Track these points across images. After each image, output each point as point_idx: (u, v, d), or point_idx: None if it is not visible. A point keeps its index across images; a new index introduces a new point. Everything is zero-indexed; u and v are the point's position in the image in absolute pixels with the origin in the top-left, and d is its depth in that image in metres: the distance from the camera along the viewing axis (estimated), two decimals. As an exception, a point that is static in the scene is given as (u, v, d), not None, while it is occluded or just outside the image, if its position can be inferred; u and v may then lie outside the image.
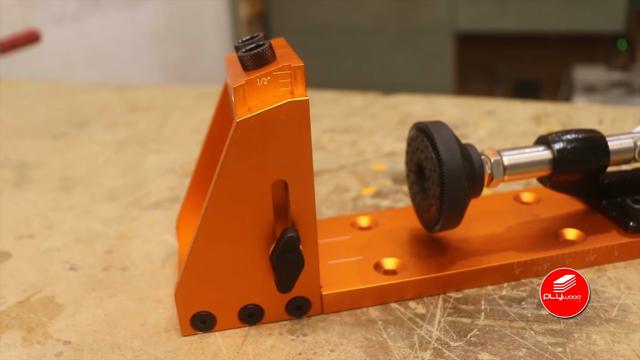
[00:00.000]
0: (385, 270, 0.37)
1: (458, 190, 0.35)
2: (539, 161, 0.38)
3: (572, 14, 1.89)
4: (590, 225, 0.40)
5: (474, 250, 0.38)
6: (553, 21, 1.94)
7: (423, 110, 0.63)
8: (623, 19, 1.80)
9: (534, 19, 1.93)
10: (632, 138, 0.40)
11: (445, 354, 0.32)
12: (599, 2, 1.81)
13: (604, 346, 0.32)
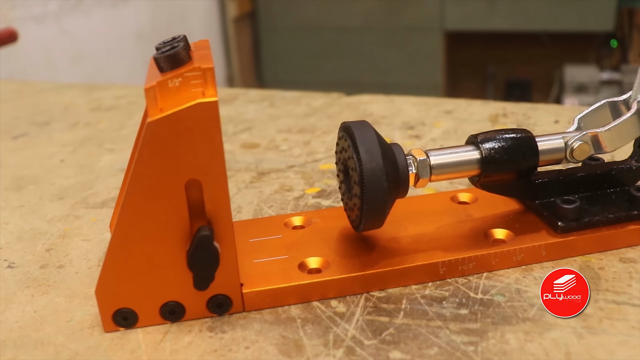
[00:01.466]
0: (310, 269, 0.37)
1: (378, 190, 0.35)
2: (467, 161, 0.38)
3: (562, 14, 1.88)
4: (522, 225, 0.40)
5: (401, 250, 0.38)
6: (543, 21, 1.94)
7: (382, 110, 0.63)
8: (613, 18, 1.79)
9: (524, 18, 1.93)
10: (563, 138, 0.40)
11: (357, 352, 0.32)
12: (588, 1, 1.80)
13: (516, 345, 0.32)
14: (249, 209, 0.46)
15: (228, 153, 0.56)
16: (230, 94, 0.72)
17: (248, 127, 0.61)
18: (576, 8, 1.83)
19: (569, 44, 2.12)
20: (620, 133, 0.41)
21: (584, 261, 0.39)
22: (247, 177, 0.51)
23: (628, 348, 0.32)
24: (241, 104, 0.69)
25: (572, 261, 0.39)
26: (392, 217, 0.42)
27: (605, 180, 0.42)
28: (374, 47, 2.18)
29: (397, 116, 0.62)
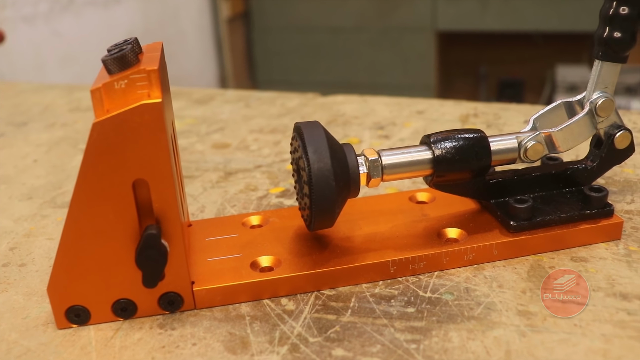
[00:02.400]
0: (262, 267, 0.37)
1: (326, 190, 0.35)
2: (419, 161, 0.39)
3: (554, 14, 1.88)
4: (476, 224, 0.40)
5: (353, 249, 0.38)
6: (535, 21, 1.94)
7: (355, 110, 0.63)
8: None
9: (516, 18, 1.93)
10: (516, 138, 0.40)
11: (301, 349, 0.33)
12: (580, 2, 1.79)
13: (458, 343, 0.33)
14: (212, 208, 0.47)
15: (198, 153, 0.56)
16: (207, 94, 0.73)
17: (221, 127, 0.62)
18: (568, 8, 1.83)
19: (562, 44, 2.12)
20: (572, 133, 0.41)
21: (536, 260, 0.39)
22: (214, 177, 0.51)
23: (567, 346, 0.32)
24: (217, 104, 0.69)
25: (524, 260, 0.39)
26: (348, 217, 0.43)
27: (561, 180, 0.42)
28: (367, 47, 2.18)
29: (369, 116, 0.62)
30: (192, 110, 0.67)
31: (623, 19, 0.39)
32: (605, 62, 0.40)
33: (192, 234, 0.41)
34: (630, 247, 0.40)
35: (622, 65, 0.41)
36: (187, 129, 0.62)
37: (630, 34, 0.39)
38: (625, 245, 0.40)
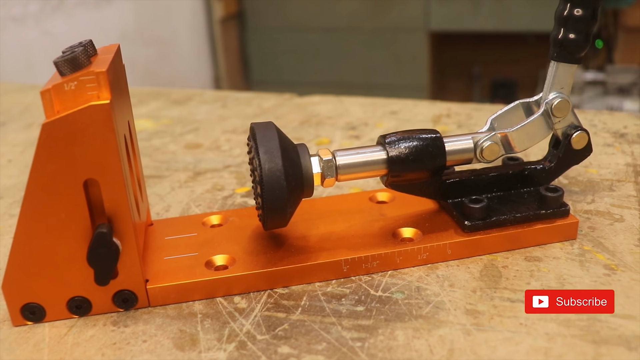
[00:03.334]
0: (217, 266, 0.38)
1: (277, 189, 0.36)
2: (373, 161, 0.39)
3: (545, 15, 1.87)
4: (432, 224, 0.41)
5: (308, 248, 0.39)
6: (526, 21, 1.93)
7: (329, 111, 0.64)
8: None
9: (508, 19, 1.92)
10: (472, 139, 0.41)
11: (248, 346, 0.33)
12: None
13: (403, 341, 0.33)
14: (178, 207, 0.47)
15: (170, 153, 0.57)
16: (186, 95, 0.74)
17: (196, 127, 0.63)
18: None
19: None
20: (528, 133, 0.41)
21: (490, 259, 0.40)
22: (183, 177, 0.52)
23: (510, 345, 0.32)
24: (195, 104, 0.70)
25: (478, 260, 0.40)
26: (307, 216, 0.43)
27: (519, 180, 0.43)
28: (360, 48, 2.18)
29: (342, 116, 0.63)
30: (169, 110, 0.68)
31: (577, 20, 0.39)
32: (561, 63, 0.40)
33: (152, 233, 0.42)
34: (585, 247, 0.40)
35: (619, 65, 0.42)
36: (162, 129, 0.63)
37: (584, 36, 0.40)
38: (580, 245, 0.40)
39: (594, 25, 0.39)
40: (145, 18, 1.70)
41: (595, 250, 0.40)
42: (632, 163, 0.51)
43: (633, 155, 0.52)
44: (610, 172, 0.50)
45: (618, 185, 0.47)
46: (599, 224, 0.42)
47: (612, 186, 0.47)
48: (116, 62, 0.36)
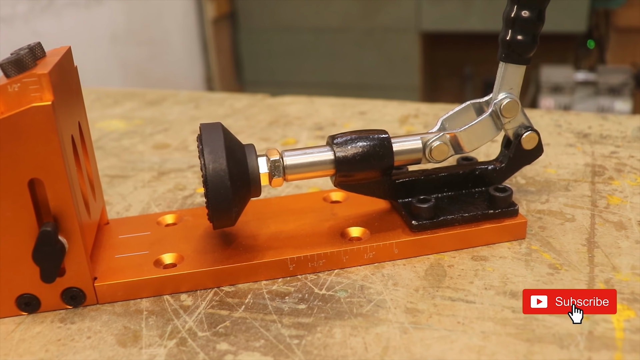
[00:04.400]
0: (166, 264, 0.39)
1: (221, 189, 0.36)
2: (321, 161, 0.39)
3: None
4: (381, 224, 0.41)
5: (256, 246, 0.39)
6: None
7: (299, 111, 0.64)
8: (586, 19, 1.77)
9: (499, 19, 1.91)
10: (421, 139, 0.41)
11: (188, 342, 0.34)
12: (561, 2, 1.78)
13: (339, 339, 0.33)
14: (138, 207, 0.48)
15: (138, 153, 0.58)
16: (161, 95, 0.74)
17: (166, 128, 0.63)
18: (549, 9, 1.81)
19: (547, 44, 2.10)
20: (476, 133, 0.42)
21: (437, 259, 0.40)
22: (147, 176, 0.53)
23: (445, 343, 0.33)
24: (168, 105, 0.71)
25: (425, 259, 0.40)
26: (259, 215, 0.44)
27: (470, 180, 0.43)
28: (351, 48, 2.19)
29: (311, 117, 0.63)
30: (142, 111, 0.69)
31: (524, 21, 0.39)
32: (509, 64, 0.40)
33: (107, 232, 0.43)
34: (532, 247, 0.40)
35: (610, 65, 0.42)
36: (134, 129, 0.63)
37: (532, 37, 0.40)
38: (528, 245, 0.41)
39: (541, 26, 0.40)
40: (136, 18, 1.71)
41: (542, 250, 0.40)
42: (591, 163, 0.51)
43: (593, 156, 0.52)
44: (569, 172, 0.50)
45: (574, 185, 0.48)
46: (550, 223, 0.43)
47: (568, 186, 0.48)
48: (64, 64, 0.36)
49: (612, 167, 0.50)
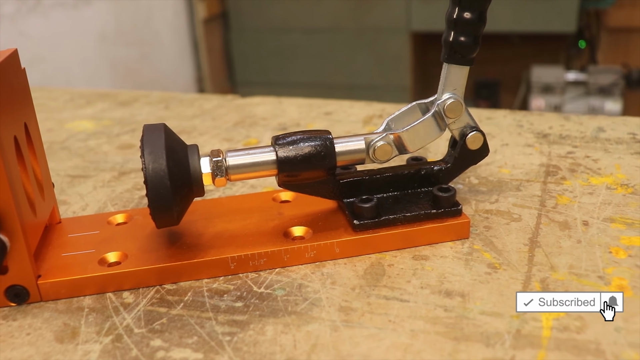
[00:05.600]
0: (110, 262, 0.39)
1: (161, 189, 0.37)
2: (264, 162, 0.40)
3: (526, 15, 1.86)
4: (325, 223, 0.42)
5: (200, 245, 0.40)
6: (507, 22, 1.92)
7: (266, 112, 0.65)
8: (575, 19, 1.76)
9: (489, 19, 1.90)
10: (364, 139, 0.42)
11: (124, 339, 0.34)
12: (551, 2, 1.78)
13: (270, 336, 0.34)
14: (95, 206, 0.48)
15: (102, 154, 0.58)
16: (132, 96, 0.75)
17: (133, 129, 0.64)
18: (539, 9, 1.81)
19: (539, 44, 2.10)
20: (418, 134, 0.42)
21: (378, 258, 0.40)
22: (108, 176, 0.53)
23: (373, 341, 0.33)
24: (139, 106, 0.72)
25: (367, 258, 0.40)
26: (207, 214, 0.44)
27: (415, 180, 0.43)
28: (342, 48, 2.19)
29: (277, 117, 0.64)
30: (113, 112, 0.69)
31: (465, 23, 0.40)
32: (452, 65, 0.41)
33: (57, 231, 0.43)
34: (475, 246, 0.41)
35: (601, 66, 0.42)
36: (101, 130, 0.64)
37: (473, 38, 0.40)
38: (470, 244, 0.41)
39: (483, 27, 0.40)
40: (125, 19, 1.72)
41: (483, 250, 0.40)
42: (546, 163, 0.51)
43: (549, 156, 0.53)
44: (522, 172, 0.50)
45: (526, 185, 0.48)
46: (496, 223, 0.43)
47: (520, 186, 0.48)
48: (7, 66, 0.37)
49: (566, 167, 0.51)
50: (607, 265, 0.38)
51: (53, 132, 0.64)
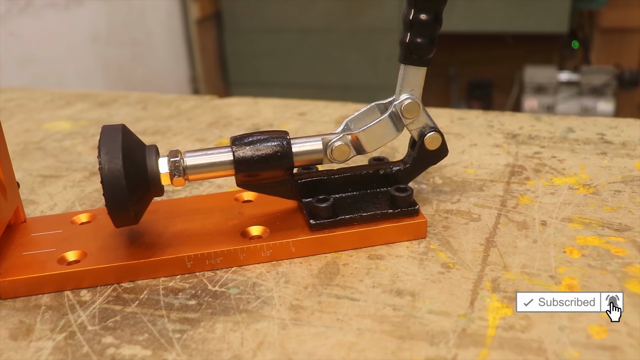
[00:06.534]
0: (69, 261, 0.40)
1: (117, 189, 0.37)
2: (221, 162, 0.40)
3: (518, 15, 1.86)
4: (283, 223, 0.42)
5: (158, 244, 0.40)
6: (499, 22, 1.93)
7: (241, 113, 0.65)
8: (567, 20, 1.76)
9: (481, 20, 1.92)
10: (322, 140, 0.42)
11: (77, 336, 0.35)
12: (543, 3, 1.77)
13: (219, 334, 0.34)
14: (63, 206, 0.49)
15: (76, 154, 0.59)
16: (111, 97, 0.76)
17: (110, 128, 0.65)
18: (531, 10, 1.81)
19: (533, 45, 2.10)
20: (375, 134, 0.42)
21: (334, 257, 0.41)
22: (79, 176, 0.54)
23: (319, 339, 0.34)
24: (118, 106, 0.72)
25: (323, 257, 0.41)
26: (169, 214, 0.45)
27: (375, 180, 0.44)
28: (335, 49, 2.20)
29: (252, 118, 0.64)
30: (91, 112, 0.70)
31: (421, 24, 0.40)
32: (409, 66, 0.41)
33: (21, 230, 0.44)
34: (431, 246, 0.41)
35: (594, 66, 0.42)
36: (78, 130, 0.65)
37: (429, 39, 0.40)
38: (427, 244, 0.41)
39: (438, 28, 0.40)
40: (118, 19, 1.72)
41: (439, 249, 0.41)
42: (512, 163, 0.52)
43: (516, 156, 0.53)
44: (487, 173, 0.50)
45: (489, 185, 0.48)
46: (455, 223, 0.43)
47: (483, 186, 0.48)
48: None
49: (531, 167, 0.51)
50: (559, 265, 0.38)
51: (30, 132, 0.65)
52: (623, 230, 0.41)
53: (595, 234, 0.41)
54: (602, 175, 0.49)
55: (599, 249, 0.40)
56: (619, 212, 0.44)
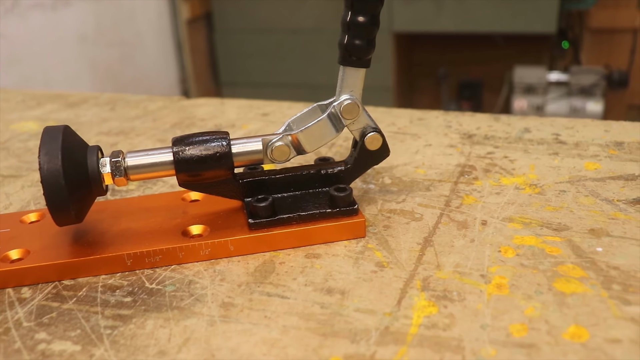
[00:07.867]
0: (13, 259, 0.41)
1: (56, 189, 0.38)
2: (162, 162, 0.41)
3: (507, 16, 1.86)
4: (225, 222, 0.43)
5: (101, 242, 0.41)
6: (489, 22, 1.92)
7: (206, 113, 0.66)
8: (556, 20, 1.75)
9: (470, 20, 1.91)
10: (262, 140, 0.43)
11: (11, 332, 0.36)
12: (532, 3, 1.77)
13: (149, 330, 0.35)
14: (17, 205, 0.50)
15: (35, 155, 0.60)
16: (82, 97, 0.77)
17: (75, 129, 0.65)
18: (520, 10, 1.80)
19: (523, 45, 2.10)
20: (314, 134, 0.43)
21: (272, 256, 0.41)
22: (37, 177, 0.55)
23: (245, 336, 0.34)
24: (87, 107, 0.73)
25: (261, 256, 0.42)
26: (116, 213, 0.45)
27: (316, 180, 0.44)
28: (326, 49, 2.20)
29: (215, 118, 0.65)
30: (60, 113, 0.71)
31: (359, 26, 0.41)
32: (348, 67, 0.42)
33: (-29, 228, 0.45)
34: (369, 245, 0.42)
35: (583, 66, 0.43)
36: (45, 130, 0.66)
37: (367, 40, 0.41)
38: (365, 244, 0.42)
39: (376, 30, 0.41)
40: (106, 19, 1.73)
41: (376, 249, 0.41)
42: (462, 164, 0.52)
43: (469, 157, 0.53)
44: (437, 173, 0.51)
45: (437, 185, 0.49)
46: (396, 222, 0.44)
47: (430, 186, 0.49)
48: None
49: (482, 167, 0.51)
50: (492, 264, 0.39)
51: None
52: (561, 230, 0.42)
53: (532, 234, 0.42)
54: (550, 175, 0.50)
55: (534, 248, 0.40)
56: (560, 211, 0.44)
